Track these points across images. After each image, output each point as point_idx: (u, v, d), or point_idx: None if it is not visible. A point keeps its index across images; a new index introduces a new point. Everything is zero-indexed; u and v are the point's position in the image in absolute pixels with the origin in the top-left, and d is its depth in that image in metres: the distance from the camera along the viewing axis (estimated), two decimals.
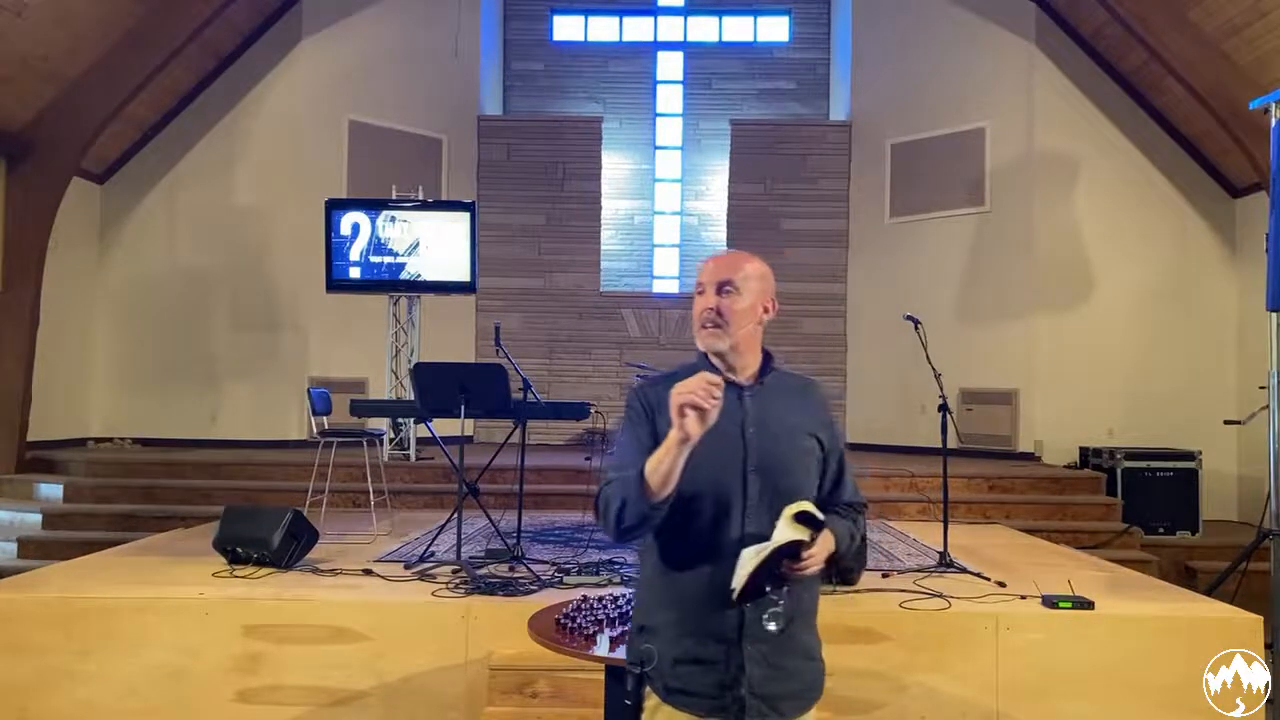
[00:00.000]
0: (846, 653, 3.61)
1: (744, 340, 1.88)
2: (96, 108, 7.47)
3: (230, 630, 3.71)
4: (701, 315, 1.88)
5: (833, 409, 2.03)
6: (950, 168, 9.16)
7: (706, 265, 1.93)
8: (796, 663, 1.85)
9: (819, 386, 2.04)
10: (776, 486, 1.83)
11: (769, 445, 1.85)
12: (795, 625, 1.84)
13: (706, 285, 1.89)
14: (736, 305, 1.86)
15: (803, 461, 1.89)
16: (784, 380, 1.96)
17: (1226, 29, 6.88)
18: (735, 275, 1.88)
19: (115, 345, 8.85)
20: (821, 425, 1.94)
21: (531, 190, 10.09)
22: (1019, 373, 8.64)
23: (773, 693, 1.81)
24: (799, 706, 1.85)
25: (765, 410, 1.88)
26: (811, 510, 1.72)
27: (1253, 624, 3.66)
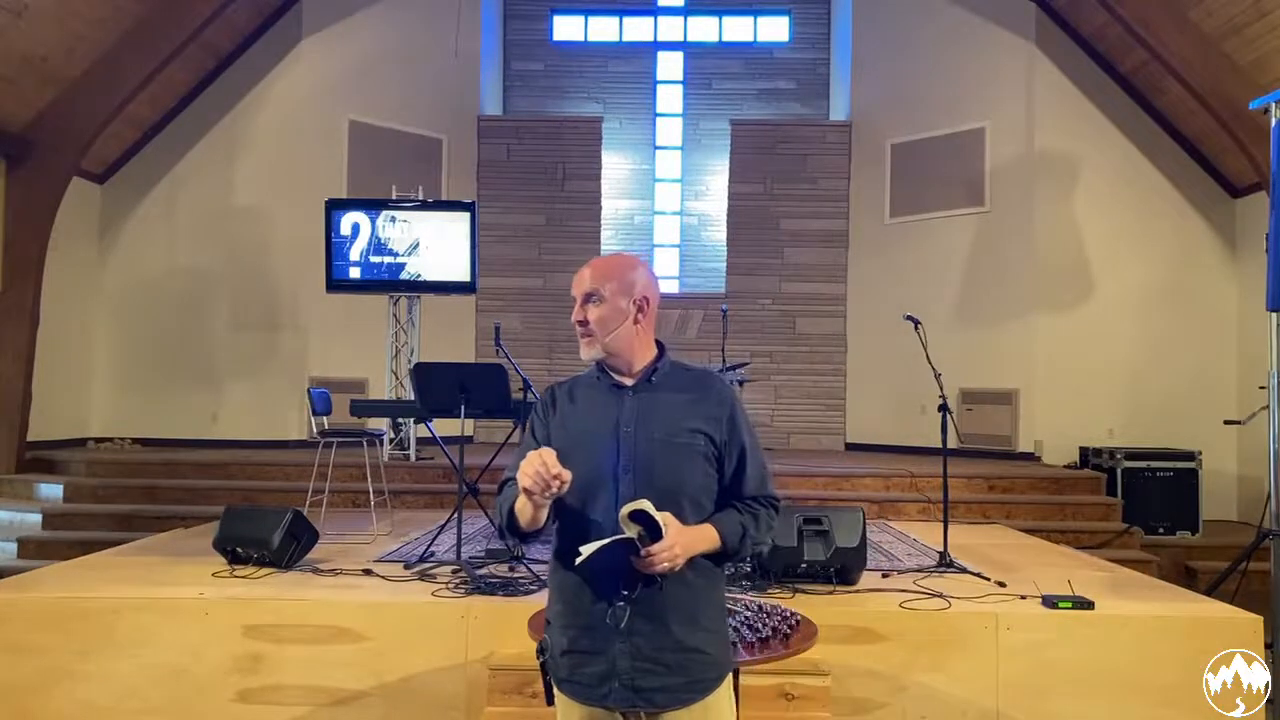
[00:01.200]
0: (846, 653, 3.61)
1: (620, 343, 1.95)
2: (96, 108, 7.47)
3: (230, 630, 3.71)
4: (574, 327, 1.98)
5: (735, 402, 1.98)
6: (950, 168, 9.16)
7: (576, 276, 2.00)
8: (674, 656, 1.86)
9: (717, 380, 2.01)
10: (652, 484, 1.86)
11: (645, 444, 1.90)
12: (670, 619, 1.85)
13: (575, 297, 1.98)
14: (602, 313, 1.94)
15: (683, 458, 1.90)
16: (676, 377, 1.99)
17: (1226, 29, 6.88)
18: (598, 284, 1.95)
19: (115, 345, 8.85)
20: (710, 420, 1.93)
21: (531, 190, 10.09)
22: (1019, 373, 8.64)
23: (645, 685, 1.85)
24: (676, 699, 1.86)
25: (647, 409, 1.94)
26: (646, 509, 1.73)
27: (1253, 624, 3.66)
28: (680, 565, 1.80)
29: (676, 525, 1.81)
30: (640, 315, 1.96)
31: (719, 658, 1.93)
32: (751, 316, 9.90)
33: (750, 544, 1.93)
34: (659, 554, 1.76)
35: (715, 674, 1.92)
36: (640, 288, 1.97)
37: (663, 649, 1.86)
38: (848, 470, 7.30)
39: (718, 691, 1.92)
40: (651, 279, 2.02)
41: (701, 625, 1.90)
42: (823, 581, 4.04)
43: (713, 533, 1.88)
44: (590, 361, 2.01)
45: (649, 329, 2.00)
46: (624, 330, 1.95)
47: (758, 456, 1.98)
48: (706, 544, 1.87)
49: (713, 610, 1.94)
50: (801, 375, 9.95)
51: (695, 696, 1.88)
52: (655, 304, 2.00)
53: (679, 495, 1.88)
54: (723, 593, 2.01)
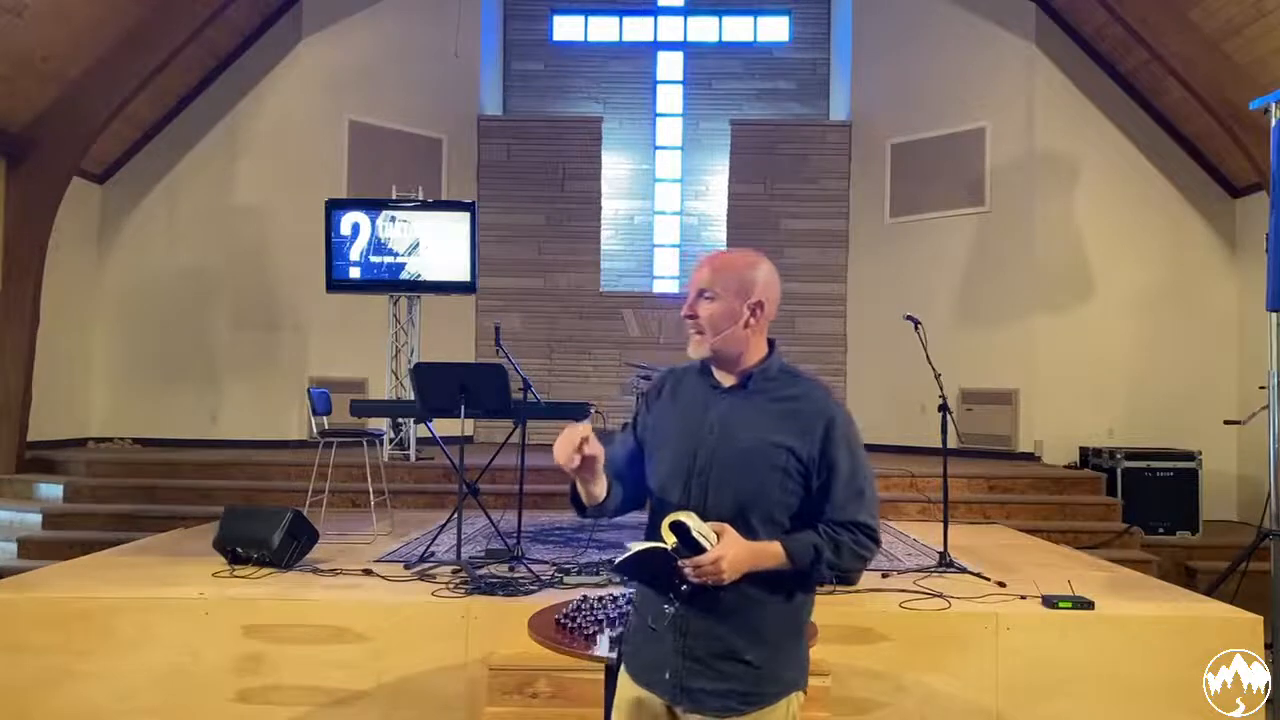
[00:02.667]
0: (846, 653, 3.61)
1: (729, 344, 1.89)
2: (96, 108, 7.46)
3: (230, 630, 3.71)
4: (684, 321, 1.93)
5: (836, 418, 1.88)
6: (950, 168, 9.16)
7: (695, 268, 1.95)
8: (723, 664, 1.85)
9: (819, 393, 1.92)
10: (723, 492, 1.85)
11: (724, 450, 1.87)
12: (724, 627, 1.84)
13: (690, 290, 1.93)
14: (713, 311, 1.89)
15: (761, 470, 1.85)
16: (777, 384, 1.92)
17: (1226, 29, 6.88)
18: (715, 280, 1.90)
19: (115, 345, 8.85)
20: (801, 434, 1.85)
21: (531, 190, 10.09)
22: (1019, 373, 8.64)
23: (691, 685, 1.86)
24: (723, 705, 1.85)
25: (737, 415, 1.89)
26: (686, 521, 1.73)
27: (1253, 624, 3.66)
28: (728, 580, 1.76)
29: (732, 539, 1.78)
30: (753, 319, 1.90)
31: (778, 675, 1.88)
32: None
33: (825, 568, 1.84)
34: (699, 567, 1.75)
35: (769, 690, 1.86)
36: (760, 289, 1.90)
37: (712, 655, 1.84)
38: None
39: (770, 710, 1.86)
40: (773, 280, 1.95)
41: (760, 639, 1.85)
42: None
43: (778, 550, 1.82)
44: (699, 359, 1.95)
45: (762, 332, 1.93)
46: (735, 332, 1.89)
47: (855, 480, 1.88)
48: (769, 561, 1.81)
49: (778, 626, 1.89)
50: None
51: (741, 709, 1.84)
52: (773, 306, 1.93)
53: (749, 508, 1.84)
54: (800, 612, 1.93)
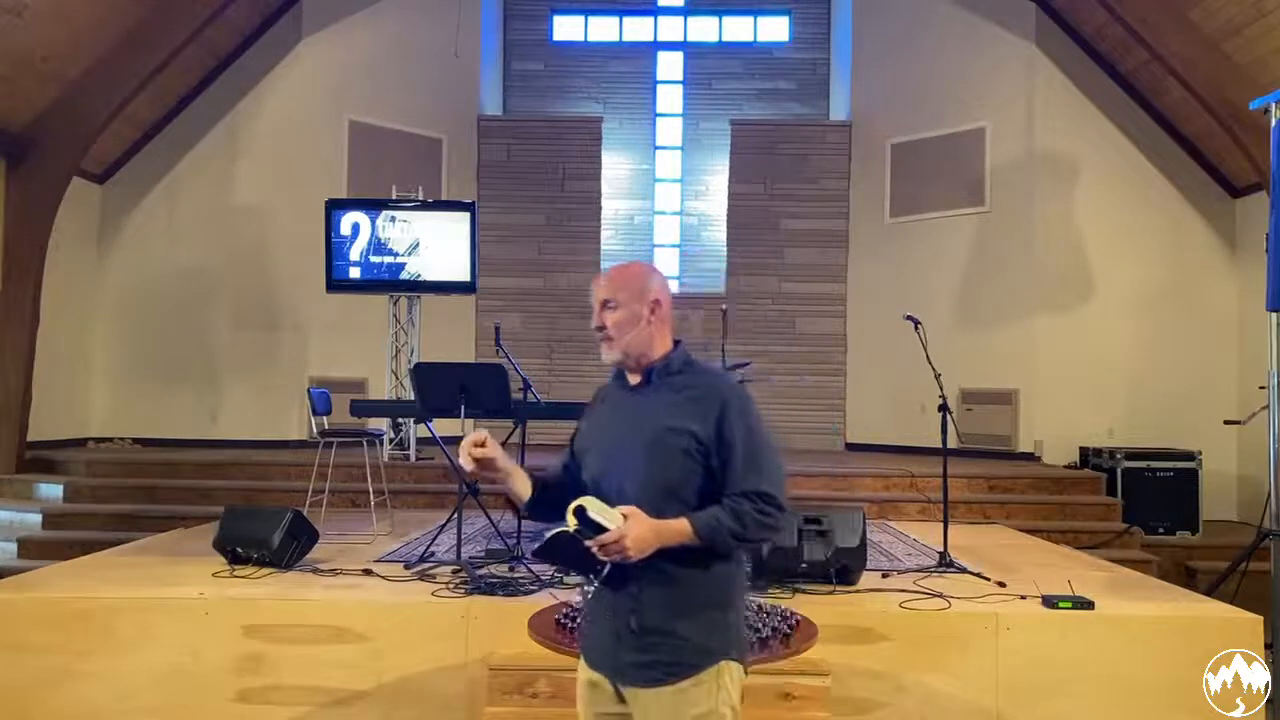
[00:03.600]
0: (846, 653, 3.61)
1: (636, 344, 2.08)
2: (96, 108, 7.46)
3: (230, 630, 3.71)
4: (594, 333, 2.12)
5: (731, 399, 2.04)
6: (950, 168, 9.16)
7: (593, 285, 2.14)
8: (646, 638, 1.99)
9: (717, 379, 2.12)
10: (637, 479, 2.02)
11: (634, 441, 2.04)
12: (646, 603, 1.99)
13: (594, 304, 2.12)
14: (618, 318, 2.08)
15: (665, 455, 2.01)
16: (679, 377, 2.09)
17: (1226, 29, 6.88)
18: (612, 291, 2.10)
19: (115, 345, 8.85)
20: (698, 417, 2.01)
21: (531, 190, 10.08)
22: (1019, 373, 8.64)
23: (622, 660, 2.02)
24: (647, 677, 1.99)
25: (643, 408, 2.08)
26: (584, 504, 1.89)
27: (1253, 624, 3.66)
28: (635, 557, 1.90)
29: (636, 520, 1.91)
30: (653, 317, 2.09)
31: (702, 645, 1.99)
32: (751, 316, 9.90)
33: (731, 538, 1.97)
34: (604, 546, 1.88)
35: (694, 660, 1.98)
36: (653, 292, 2.10)
37: (638, 629, 1.99)
38: (848, 470, 7.30)
39: (696, 678, 1.98)
40: (664, 283, 2.16)
41: (680, 611, 1.99)
42: (823, 581, 4.04)
43: (685, 526, 1.95)
44: (612, 363, 2.13)
45: (664, 330, 2.12)
46: (640, 332, 2.08)
47: (752, 452, 2.02)
48: (677, 537, 1.95)
49: (698, 598, 2.01)
50: (801, 375, 9.95)
51: (665, 679, 1.97)
52: (668, 305, 2.13)
53: (662, 492, 1.99)
54: (721, 583, 2.04)
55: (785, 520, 2.05)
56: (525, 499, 2.12)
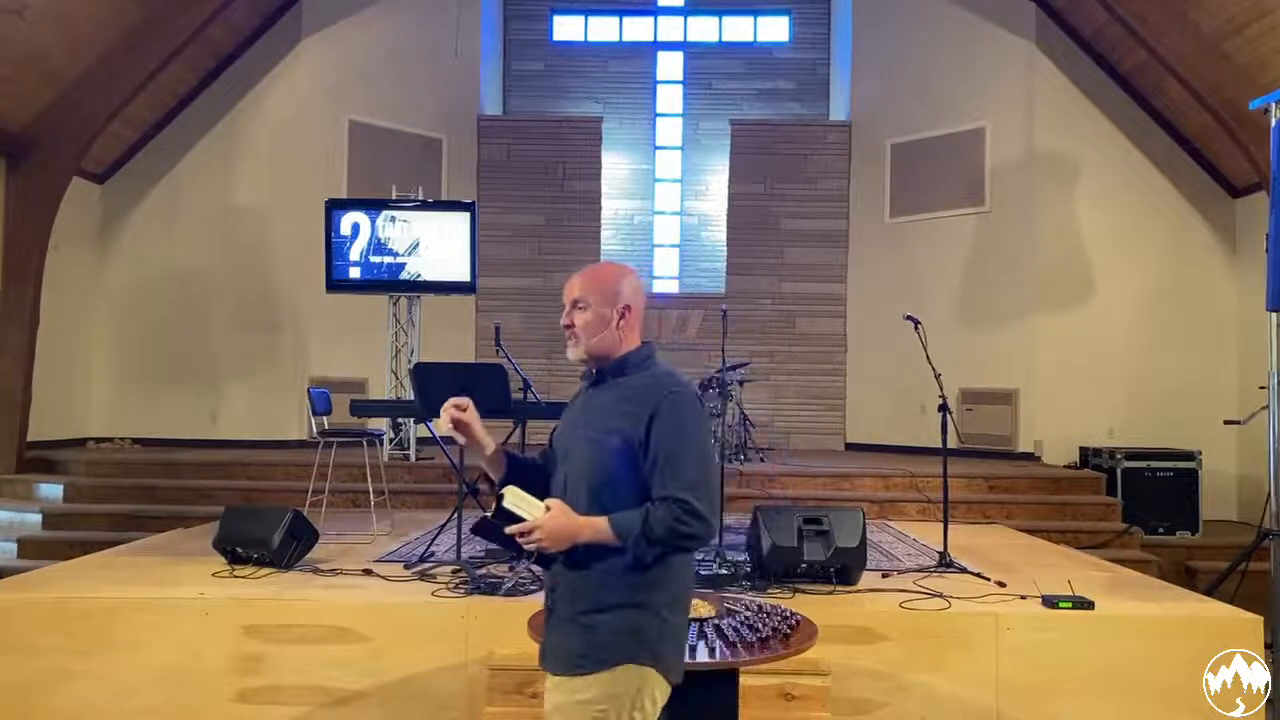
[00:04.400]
0: (846, 653, 3.61)
1: (602, 346, 2.11)
2: (96, 108, 7.47)
3: (230, 630, 3.71)
4: (562, 329, 2.16)
5: (666, 403, 2.01)
6: (950, 168, 9.16)
7: (566, 282, 2.17)
8: (559, 626, 2.07)
9: (659, 382, 2.07)
10: (574, 475, 2.08)
11: (579, 441, 2.10)
12: (564, 592, 2.06)
13: (565, 302, 2.15)
14: (586, 319, 2.10)
15: (598, 453, 2.04)
16: (628, 379, 2.11)
17: (1226, 29, 6.88)
18: (583, 291, 2.12)
19: (115, 345, 8.84)
20: (631, 417, 2.02)
21: (531, 190, 10.08)
22: (1019, 373, 8.64)
23: (547, 644, 2.11)
24: (550, 663, 2.07)
25: (590, 407, 2.14)
26: (506, 494, 1.99)
27: (1253, 624, 3.66)
28: (551, 548, 1.96)
29: (558, 511, 1.96)
30: (623, 322, 2.11)
31: (609, 642, 1.98)
32: (751, 316, 9.90)
33: (642, 540, 1.95)
34: (521, 535, 1.95)
35: (598, 656, 1.98)
36: (625, 296, 2.11)
37: (560, 616, 2.06)
38: (848, 470, 7.30)
39: (596, 676, 1.97)
40: (637, 287, 2.16)
41: (589, 608, 2.01)
42: (823, 581, 4.04)
43: (604, 525, 1.97)
44: (576, 362, 2.16)
45: (632, 334, 2.14)
46: (607, 335, 2.10)
47: (677, 458, 1.99)
48: (595, 534, 1.97)
49: (614, 596, 2.00)
50: (801, 375, 9.95)
51: (560, 669, 2.03)
52: (639, 310, 2.14)
53: (599, 489, 2.03)
54: (640, 585, 2.00)
55: (705, 529, 1.99)
56: (498, 475, 2.17)
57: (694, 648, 2.38)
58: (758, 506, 4.28)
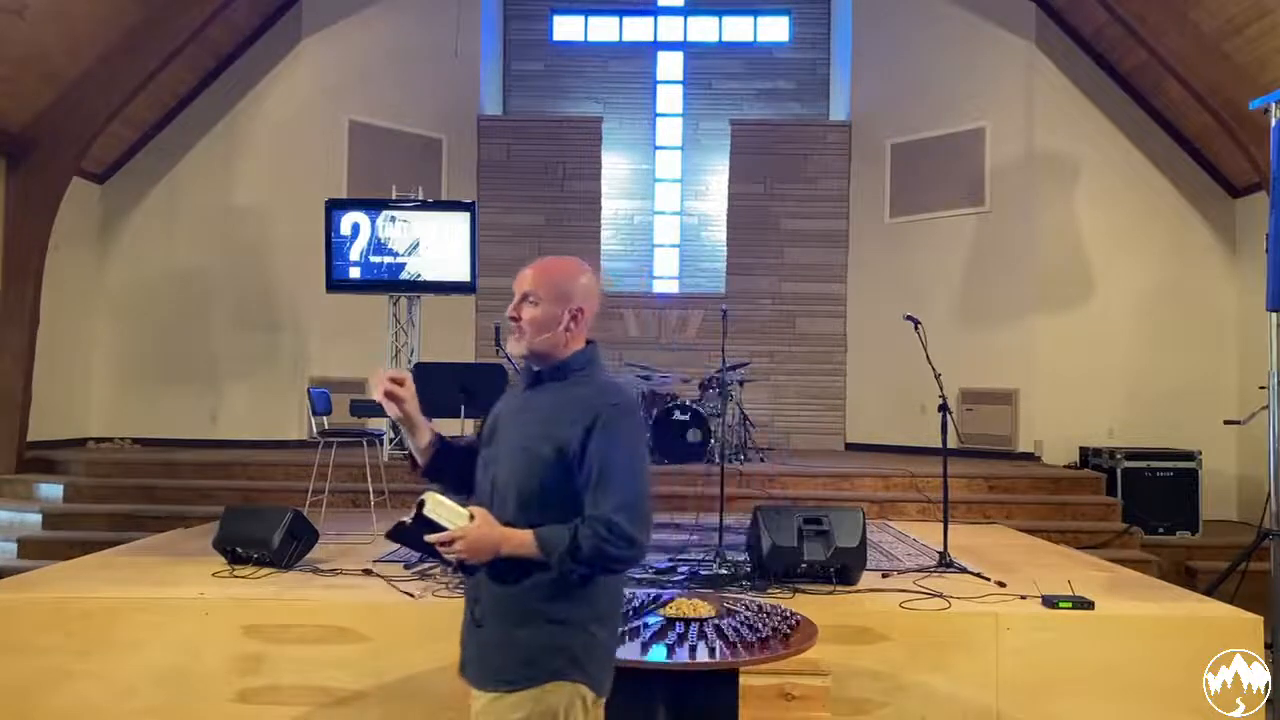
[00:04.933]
0: (846, 653, 3.61)
1: (546, 346, 2.01)
2: (96, 108, 7.47)
3: (230, 630, 3.71)
4: (508, 321, 2.05)
5: (604, 418, 1.92)
6: (950, 168, 9.16)
7: (519, 273, 2.07)
8: (484, 640, 1.98)
9: (601, 393, 1.99)
10: (501, 479, 1.99)
11: (510, 443, 2.01)
12: (487, 606, 1.97)
13: (515, 293, 2.05)
14: (535, 315, 2.00)
15: (527, 461, 1.95)
16: (568, 383, 2.02)
17: (1226, 29, 6.88)
18: (538, 286, 2.01)
19: (115, 345, 8.84)
20: (565, 427, 1.93)
21: (531, 190, 10.08)
22: (1019, 373, 8.64)
23: (466, 655, 2.03)
24: (477, 680, 1.98)
25: (524, 408, 2.05)
26: (426, 501, 1.89)
27: (1253, 624, 3.66)
28: (471, 560, 1.89)
29: (481, 522, 1.88)
30: (573, 324, 2.02)
31: (535, 659, 1.92)
32: (751, 316, 9.90)
33: (566, 558, 1.87)
34: (441, 545, 1.87)
35: (525, 673, 1.91)
36: (578, 298, 2.02)
37: (483, 629, 1.98)
38: (848, 470, 7.30)
39: (519, 696, 1.90)
40: (592, 289, 2.06)
41: (518, 622, 1.93)
42: (823, 581, 4.04)
43: (529, 538, 1.88)
44: (517, 357, 2.08)
45: (580, 336, 2.05)
46: (555, 335, 2.01)
47: (609, 477, 1.90)
48: (520, 548, 1.88)
49: (541, 611, 1.93)
50: (801, 375, 9.95)
51: (491, 686, 1.95)
52: (591, 313, 2.05)
53: (528, 497, 1.94)
54: (570, 601, 1.93)
55: (634, 553, 1.90)
56: (425, 459, 2.11)
57: (694, 648, 2.38)
58: (758, 506, 4.28)
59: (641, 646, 2.38)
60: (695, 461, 7.39)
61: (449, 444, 2.16)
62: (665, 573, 4.32)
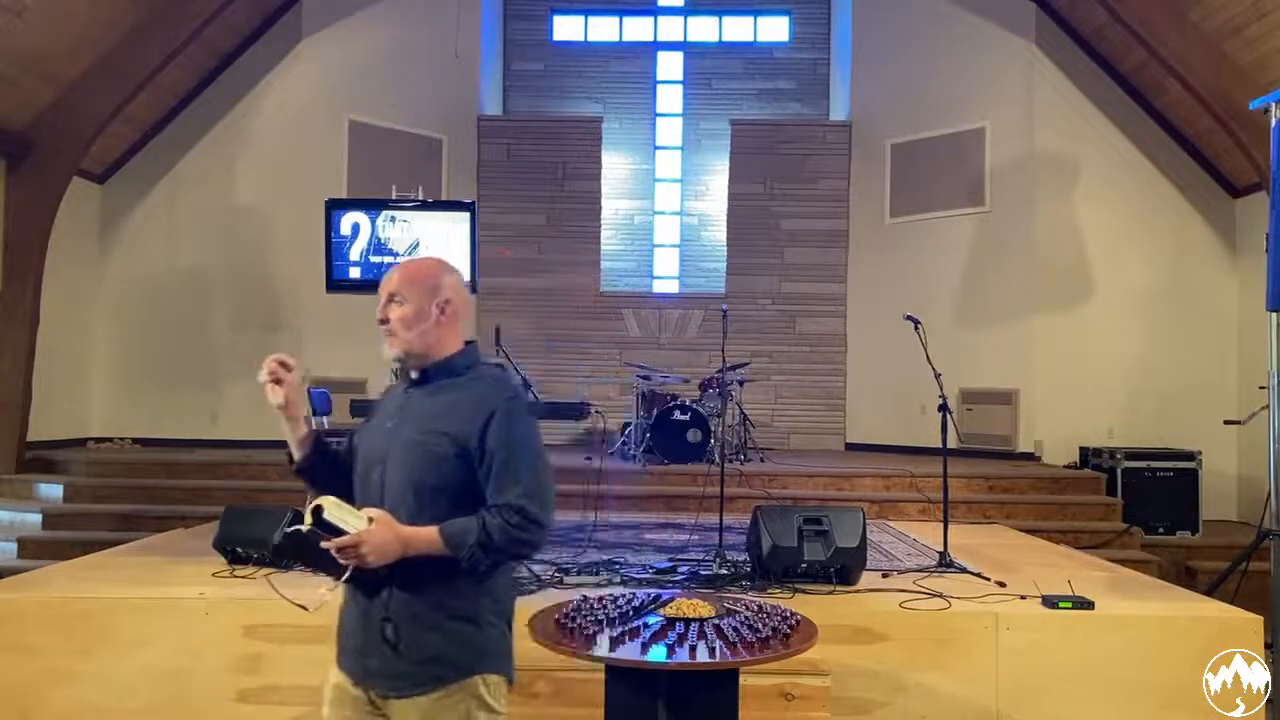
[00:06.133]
0: (846, 653, 3.61)
1: (419, 343, 2.04)
2: (96, 108, 7.47)
3: (230, 630, 3.71)
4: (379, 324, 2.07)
5: (501, 410, 1.97)
6: (950, 168, 9.16)
7: (385, 276, 2.09)
8: (395, 645, 1.94)
9: (494, 387, 2.04)
10: (396, 479, 1.98)
11: (400, 442, 2.01)
12: (395, 609, 1.94)
13: (381, 296, 2.07)
14: (404, 313, 2.03)
15: (425, 458, 1.96)
16: (458, 380, 2.05)
17: (1226, 29, 6.88)
18: (404, 285, 2.05)
19: (115, 345, 8.85)
20: (463, 422, 1.96)
21: (531, 190, 10.09)
22: (1019, 373, 8.64)
23: (369, 665, 1.97)
24: (392, 687, 1.95)
25: (414, 408, 2.05)
26: (324, 505, 1.83)
27: (1253, 624, 3.66)
28: (374, 563, 1.85)
29: (381, 525, 1.87)
30: (443, 317, 2.05)
31: (453, 659, 1.95)
32: (751, 316, 9.90)
33: (478, 549, 1.90)
34: (341, 550, 1.84)
35: (443, 674, 1.94)
36: (445, 291, 2.06)
37: (386, 636, 1.94)
38: (848, 470, 7.30)
39: (447, 690, 1.93)
40: (458, 284, 2.10)
41: (430, 623, 1.94)
42: (823, 581, 4.04)
43: (435, 535, 1.90)
44: (394, 359, 2.08)
45: (453, 330, 2.08)
46: (426, 330, 2.04)
47: (512, 465, 1.95)
48: (425, 546, 1.90)
49: (452, 609, 1.95)
50: (801, 375, 9.95)
51: (411, 690, 1.93)
52: (460, 307, 2.08)
53: (424, 494, 1.95)
54: (479, 595, 1.98)
55: (542, 536, 1.96)
56: (300, 454, 2.11)
57: (694, 648, 2.38)
58: (758, 506, 4.27)
59: (641, 646, 2.38)
60: (695, 461, 7.39)
61: (328, 445, 2.15)
62: (665, 573, 4.32)
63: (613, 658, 2.35)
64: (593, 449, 7.78)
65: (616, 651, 2.36)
